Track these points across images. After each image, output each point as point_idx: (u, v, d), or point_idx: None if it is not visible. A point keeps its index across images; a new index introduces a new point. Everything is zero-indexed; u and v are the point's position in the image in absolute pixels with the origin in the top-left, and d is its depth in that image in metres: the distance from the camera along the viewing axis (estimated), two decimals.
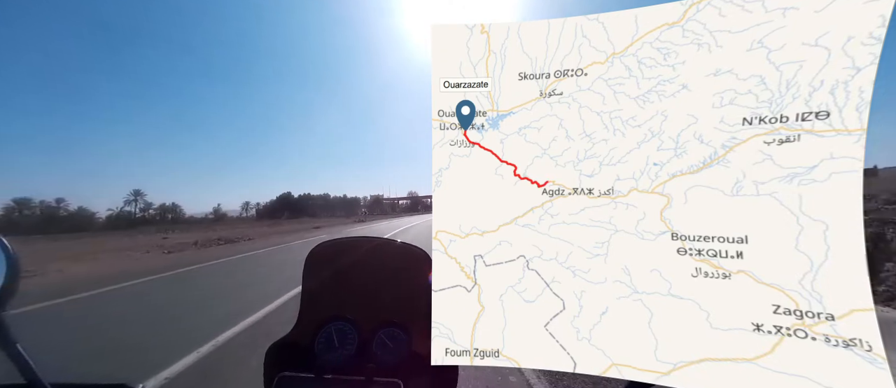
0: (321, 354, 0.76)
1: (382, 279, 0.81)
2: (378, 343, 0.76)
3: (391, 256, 0.85)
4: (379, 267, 0.83)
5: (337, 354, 0.75)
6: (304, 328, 0.79)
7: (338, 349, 0.76)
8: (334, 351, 0.76)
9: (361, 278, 0.82)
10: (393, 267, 0.82)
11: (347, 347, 0.76)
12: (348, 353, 0.75)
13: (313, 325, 0.78)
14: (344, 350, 0.75)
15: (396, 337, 0.76)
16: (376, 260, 0.84)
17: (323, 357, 0.75)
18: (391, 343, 0.76)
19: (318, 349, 0.76)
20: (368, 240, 0.85)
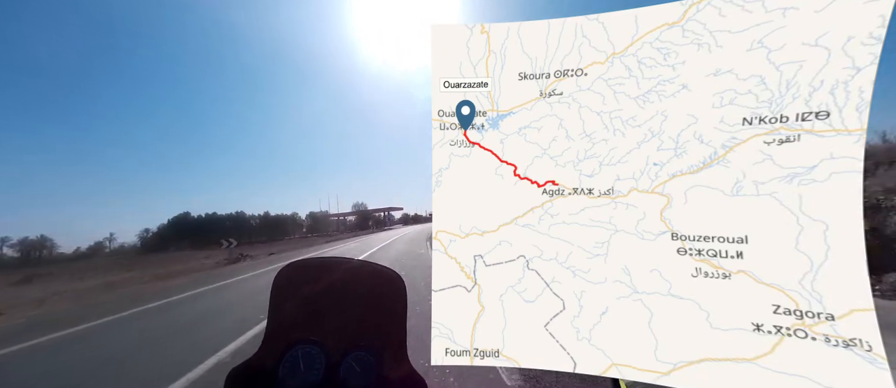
0: (285, 379, 0.71)
1: (353, 302, 0.78)
2: (346, 368, 0.72)
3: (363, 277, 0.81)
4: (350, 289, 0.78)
5: (302, 379, 0.71)
6: (268, 351, 0.74)
7: (303, 373, 0.71)
8: (299, 376, 0.71)
9: (332, 300, 0.78)
10: (365, 289, 0.78)
11: (314, 372, 0.72)
12: (314, 378, 0.71)
13: (279, 348, 0.73)
14: (310, 375, 0.71)
15: (365, 362, 0.72)
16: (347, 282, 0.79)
17: (287, 383, 0.71)
18: (359, 368, 0.72)
19: (283, 373, 0.72)
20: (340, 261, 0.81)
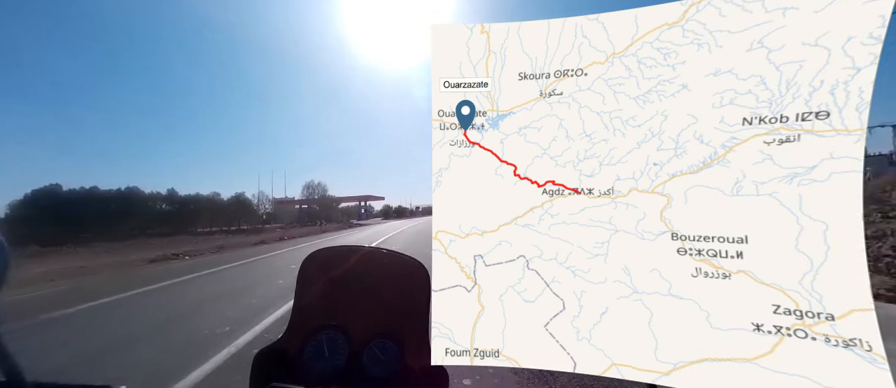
0: (311, 363, 0.74)
1: (377, 290, 0.80)
2: (369, 355, 0.75)
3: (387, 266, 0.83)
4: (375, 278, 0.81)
5: (327, 364, 0.74)
6: (294, 335, 0.77)
7: (328, 357, 0.74)
8: (324, 361, 0.74)
9: (356, 287, 0.80)
10: (389, 278, 0.81)
11: (338, 357, 0.74)
12: (338, 363, 0.74)
13: (304, 333, 0.77)
14: (334, 360, 0.74)
15: (388, 349, 0.74)
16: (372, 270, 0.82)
17: (313, 367, 0.73)
18: (383, 356, 0.74)
19: (308, 358, 0.74)
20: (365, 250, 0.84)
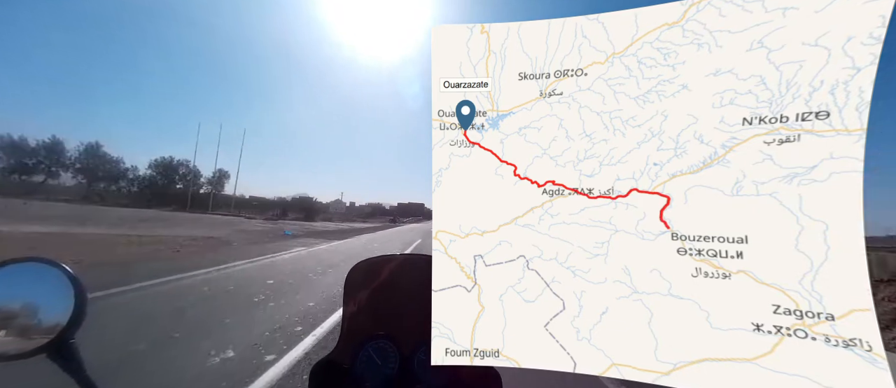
0: (363, 373, 0.76)
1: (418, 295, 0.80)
2: (419, 362, 0.76)
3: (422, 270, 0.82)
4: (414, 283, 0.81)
5: (379, 372, 0.76)
6: (345, 346, 0.79)
7: (380, 367, 0.76)
8: (376, 370, 0.76)
9: (400, 295, 0.82)
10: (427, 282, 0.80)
11: (389, 366, 0.76)
12: (389, 372, 0.76)
13: (354, 344, 0.79)
14: (385, 369, 0.76)
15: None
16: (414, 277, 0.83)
17: (365, 377, 0.75)
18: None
19: (360, 368, 0.76)
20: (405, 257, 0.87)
